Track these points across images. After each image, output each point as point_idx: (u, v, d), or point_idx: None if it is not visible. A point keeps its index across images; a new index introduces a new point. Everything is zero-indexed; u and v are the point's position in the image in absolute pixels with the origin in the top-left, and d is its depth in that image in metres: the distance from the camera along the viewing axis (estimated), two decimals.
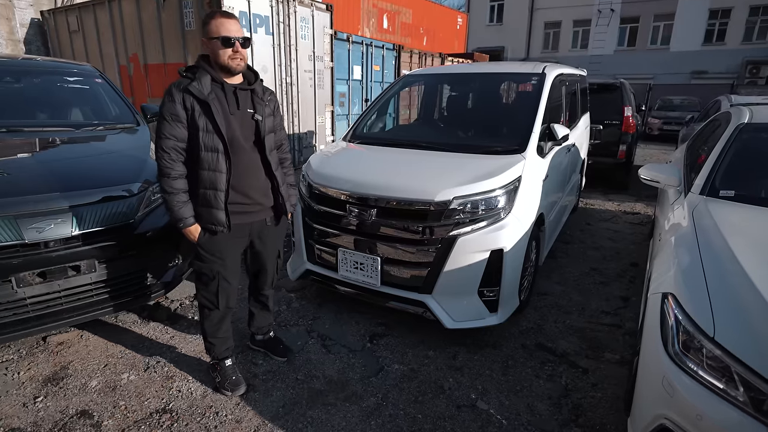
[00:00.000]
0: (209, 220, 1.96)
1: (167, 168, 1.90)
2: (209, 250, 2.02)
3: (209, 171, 1.92)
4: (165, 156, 1.89)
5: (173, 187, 1.91)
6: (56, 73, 3.74)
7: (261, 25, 6.27)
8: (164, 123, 1.88)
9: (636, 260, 4.06)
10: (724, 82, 17.08)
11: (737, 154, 2.57)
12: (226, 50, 1.87)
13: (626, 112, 6.49)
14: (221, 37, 1.85)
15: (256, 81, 2.06)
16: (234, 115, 1.96)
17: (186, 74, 1.91)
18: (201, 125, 1.88)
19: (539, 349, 2.64)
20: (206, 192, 1.94)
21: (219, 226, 1.97)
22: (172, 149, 1.89)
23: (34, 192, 2.28)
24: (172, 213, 1.94)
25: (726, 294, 1.53)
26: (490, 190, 2.50)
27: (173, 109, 1.86)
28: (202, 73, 1.90)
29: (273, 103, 2.15)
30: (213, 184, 1.93)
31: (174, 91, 1.87)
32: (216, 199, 1.94)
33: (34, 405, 2.09)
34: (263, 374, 2.36)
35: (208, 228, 1.98)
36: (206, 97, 1.86)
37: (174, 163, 1.91)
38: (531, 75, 3.52)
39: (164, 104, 1.88)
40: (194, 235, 1.98)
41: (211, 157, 1.91)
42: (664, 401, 1.50)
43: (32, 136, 2.99)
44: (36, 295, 2.21)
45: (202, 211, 1.96)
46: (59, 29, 8.28)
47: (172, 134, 1.88)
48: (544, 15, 23.22)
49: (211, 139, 1.90)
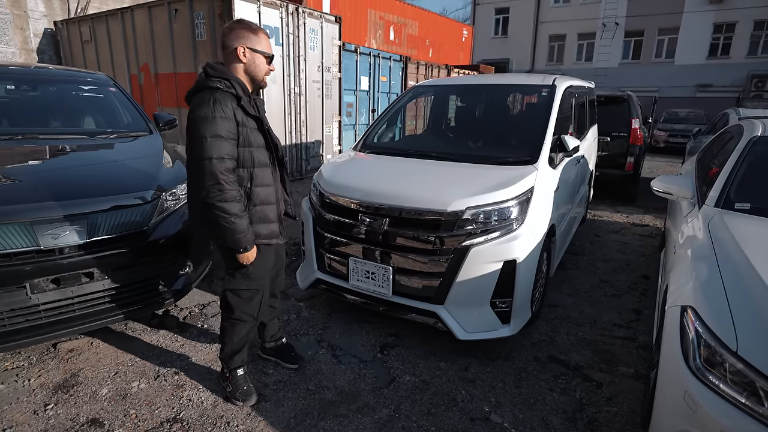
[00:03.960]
0: (268, 235, 1.95)
1: (232, 190, 1.75)
2: (261, 267, 2.00)
3: (262, 187, 1.90)
4: (227, 179, 1.74)
5: (241, 210, 1.80)
6: (71, 81, 3.80)
7: (271, 36, 6.35)
8: (221, 142, 1.71)
9: (647, 273, 4.03)
10: (730, 96, 17.12)
11: (751, 167, 2.56)
12: (267, 67, 1.89)
13: (634, 124, 6.50)
14: (268, 55, 1.87)
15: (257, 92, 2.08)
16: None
17: (224, 84, 1.78)
18: (253, 141, 1.83)
19: (552, 362, 2.61)
20: (262, 208, 1.91)
21: (275, 238, 1.96)
22: (231, 171, 1.77)
23: (50, 199, 2.29)
24: (240, 238, 1.81)
25: (747, 307, 1.51)
26: (503, 200, 2.50)
27: (230, 127, 1.74)
28: (238, 84, 1.83)
29: None
30: (268, 199, 1.92)
31: (223, 106, 1.73)
32: (272, 213, 1.94)
33: (45, 412, 2.08)
34: (274, 384, 2.34)
35: (261, 244, 1.94)
36: (258, 114, 1.86)
37: (235, 185, 1.79)
38: (542, 87, 3.53)
39: (215, 121, 1.71)
40: (252, 257, 1.91)
41: (264, 172, 1.90)
42: (686, 417, 1.47)
43: (47, 143, 3.02)
44: (49, 301, 2.21)
45: (261, 228, 1.92)
46: (72, 39, 8.43)
47: (230, 155, 1.75)
48: (549, 28, 23.40)
49: (262, 155, 1.89)
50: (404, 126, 7.73)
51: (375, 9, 12.64)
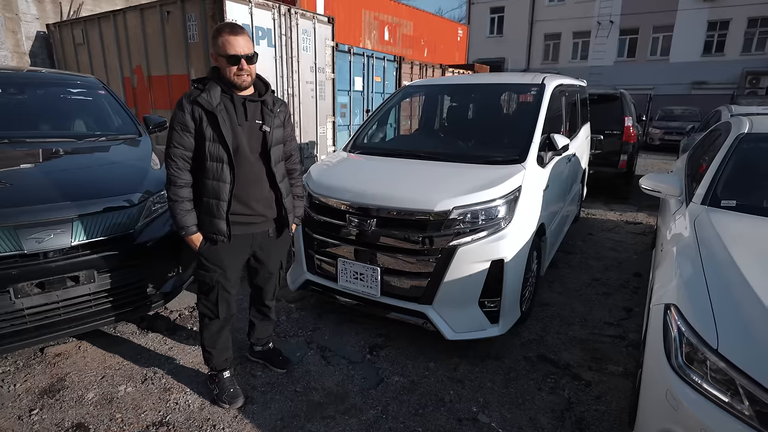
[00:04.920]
0: (211, 229, 1.98)
1: (174, 176, 1.94)
2: (210, 259, 2.02)
3: (213, 180, 1.94)
4: (172, 164, 1.93)
5: (179, 195, 1.94)
6: (60, 84, 3.77)
7: (263, 37, 6.34)
8: (174, 132, 1.92)
9: (639, 270, 4.03)
10: (724, 93, 17.15)
11: (738, 164, 2.56)
12: (231, 68, 1.90)
13: (627, 122, 6.51)
14: (227, 56, 1.88)
15: (266, 92, 2.07)
16: (241, 126, 1.97)
17: (197, 85, 1.95)
18: (208, 135, 1.91)
19: (541, 361, 2.60)
20: (209, 201, 1.96)
21: (220, 235, 1.97)
22: (179, 158, 1.93)
23: (35, 202, 2.27)
24: (176, 220, 1.97)
25: (729, 305, 1.51)
26: (490, 200, 2.50)
27: (183, 119, 1.91)
28: (212, 84, 1.94)
29: (284, 114, 2.16)
30: (216, 193, 1.94)
31: (184, 102, 1.91)
32: (218, 209, 1.95)
33: (30, 418, 2.07)
34: (262, 386, 2.33)
35: (209, 237, 2.00)
36: (214, 108, 1.89)
37: (181, 172, 1.94)
38: (531, 86, 3.53)
39: (175, 114, 1.93)
40: (196, 243, 2.00)
41: (216, 166, 1.93)
42: (668, 415, 1.47)
43: (35, 146, 3.01)
44: (34, 305, 2.19)
45: (205, 219, 1.98)
46: (64, 42, 8.39)
47: (179, 143, 1.92)
48: (544, 27, 23.44)
49: (217, 149, 1.92)
50: (399, 126, 7.75)
51: (369, 9, 12.62)
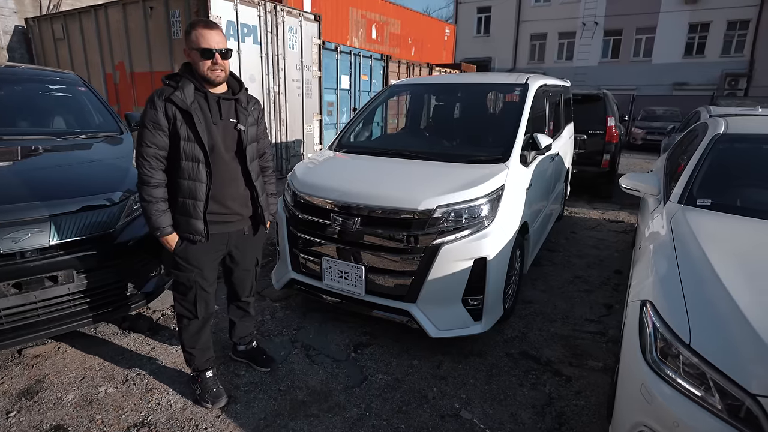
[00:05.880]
0: (187, 229, 1.95)
1: (147, 176, 1.88)
2: (187, 259, 2.00)
3: (189, 180, 1.91)
4: (145, 164, 1.88)
5: (152, 195, 1.90)
6: (38, 80, 3.69)
7: (249, 34, 6.29)
8: (145, 131, 1.86)
9: (619, 268, 4.11)
10: (705, 94, 17.52)
11: (713, 163, 2.63)
12: (205, 62, 1.87)
13: (609, 122, 6.61)
14: (200, 49, 1.85)
15: (240, 90, 2.06)
16: (216, 124, 1.95)
17: (169, 83, 1.90)
18: (182, 134, 1.87)
19: (523, 358, 2.64)
20: (185, 201, 1.93)
21: (197, 235, 1.95)
22: (152, 157, 1.88)
23: (11, 201, 2.23)
24: (150, 221, 1.93)
25: (702, 301, 1.56)
26: (473, 198, 2.52)
27: (155, 117, 1.85)
28: (186, 82, 1.90)
29: (257, 112, 2.15)
30: (192, 193, 1.92)
31: (156, 99, 1.85)
32: (195, 209, 1.93)
33: (7, 420, 2.03)
34: (245, 385, 2.32)
35: (186, 237, 1.97)
36: (188, 107, 1.86)
37: (154, 172, 1.89)
38: (514, 86, 3.57)
39: (146, 112, 1.86)
40: (171, 244, 1.97)
41: (192, 166, 1.90)
42: (643, 408, 1.51)
43: (12, 144, 2.94)
44: (11, 306, 2.16)
45: (181, 220, 1.95)
46: (44, 37, 8.20)
47: (153, 142, 1.87)
48: (530, 27, 23.65)
49: (192, 149, 1.89)
50: (386, 124, 7.75)
51: (357, 7, 12.59)
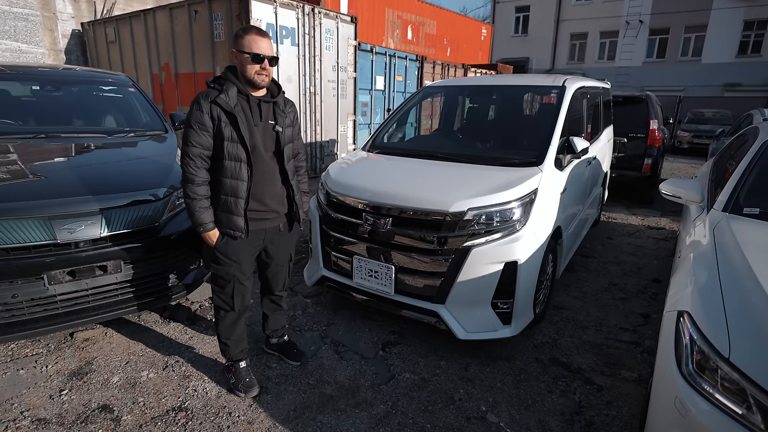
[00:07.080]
0: (228, 225, 2.04)
1: (192, 174, 1.98)
2: (226, 254, 2.10)
3: (231, 179, 2.00)
4: (190, 163, 1.98)
5: (196, 192, 2.00)
6: (93, 82, 3.95)
7: (287, 36, 6.45)
8: (191, 131, 1.96)
9: (658, 276, 3.96)
10: (760, 95, 16.49)
11: (764, 170, 2.50)
12: (254, 66, 1.96)
13: (652, 125, 6.36)
14: (252, 54, 1.94)
15: (279, 94, 2.15)
16: (257, 126, 2.05)
17: (213, 85, 2.00)
18: (227, 135, 1.96)
19: (553, 364, 2.60)
20: (227, 199, 2.02)
21: (237, 231, 2.04)
22: (197, 157, 1.98)
23: (68, 195, 2.41)
24: (194, 217, 2.02)
25: (744, 314, 1.49)
26: (505, 201, 2.51)
27: (200, 118, 1.95)
28: (230, 85, 1.99)
29: (293, 114, 2.24)
30: (234, 191, 2.01)
31: (202, 101, 1.95)
32: (236, 206, 2.02)
33: (60, 397, 2.19)
34: (276, 377, 2.40)
35: (227, 233, 2.06)
36: (233, 109, 1.95)
37: (198, 170, 1.99)
38: (551, 88, 3.51)
39: (192, 113, 1.96)
40: (213, 239, 2.07)
41: (234, 165, 1.99)
42: (677, 422, 1.46)
43: (68, 141, 3.16)
44: (65, 292, 2.33)
45: (222, 216, 2.05)
46: (97, 40, 8.70)
47: (198, 142, 1.97)
48: (570, 26, 22.98)
49: (235, 149, 1.98)
50: (419, 126, 7.76)
51: (393, 8, 12.65)
